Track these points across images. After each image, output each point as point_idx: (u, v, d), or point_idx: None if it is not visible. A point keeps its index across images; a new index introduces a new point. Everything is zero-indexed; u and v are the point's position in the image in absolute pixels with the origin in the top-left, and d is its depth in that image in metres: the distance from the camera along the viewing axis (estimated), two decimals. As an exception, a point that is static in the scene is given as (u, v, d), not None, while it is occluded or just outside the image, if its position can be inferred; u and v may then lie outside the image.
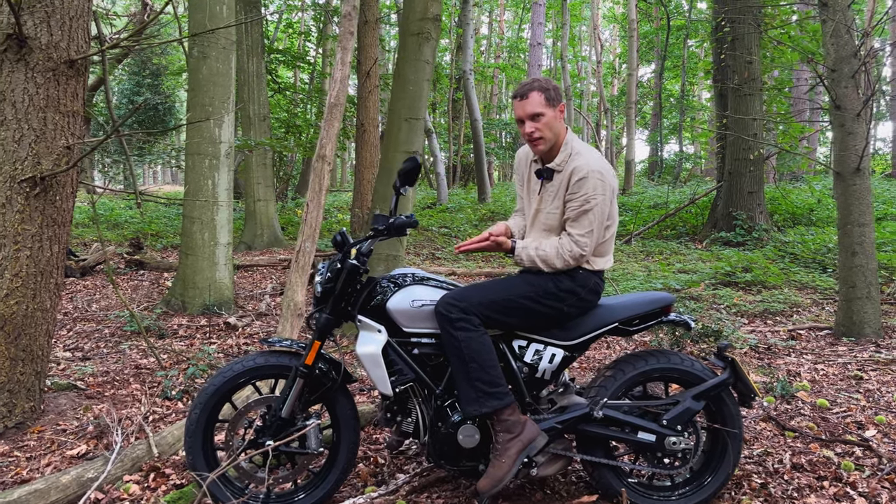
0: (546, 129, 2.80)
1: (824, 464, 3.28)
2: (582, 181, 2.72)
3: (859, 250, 5.67)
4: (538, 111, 2.78)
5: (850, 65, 5.81)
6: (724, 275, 8.37)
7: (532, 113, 2.79)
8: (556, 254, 2.77)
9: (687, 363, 2.92)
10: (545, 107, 2.79)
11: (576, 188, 2.74)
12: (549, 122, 2.79)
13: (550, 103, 2.80)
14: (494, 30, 37.08)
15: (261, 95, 12.09)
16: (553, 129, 2.81)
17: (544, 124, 2.79)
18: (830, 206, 13.72)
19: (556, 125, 2.81)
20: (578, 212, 2.75)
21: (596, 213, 2.74)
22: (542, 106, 2.78)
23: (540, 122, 2.79)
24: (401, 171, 2.75)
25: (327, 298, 2.85)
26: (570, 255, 2.76)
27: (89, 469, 3.10)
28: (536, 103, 2.78)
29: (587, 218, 2.74)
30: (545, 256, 2.79)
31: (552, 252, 2.78)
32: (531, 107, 2.79)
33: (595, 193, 2.72)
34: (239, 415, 2.85)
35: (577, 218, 2.76)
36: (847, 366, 4.96)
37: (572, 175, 2.75)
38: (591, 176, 2.72)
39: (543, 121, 2.79)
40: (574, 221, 2.77)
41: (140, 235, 12.13)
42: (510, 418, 2.71)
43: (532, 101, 2.79)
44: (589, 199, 2.72)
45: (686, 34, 25.45)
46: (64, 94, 3.87)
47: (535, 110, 2.78)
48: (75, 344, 5.73)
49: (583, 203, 2.73)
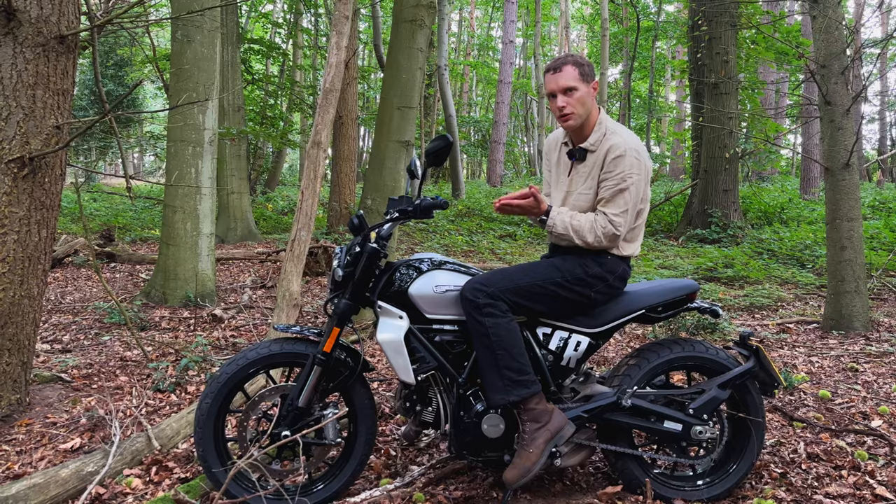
0: (578, 105, 2.72)
1: (839, 453, 3.27)
2: (619, 159, 2.65)
3: (848, 245, 5.73)
4: (571, 85, 2.70)
5: (840, 61, 5.86)
6: (706, 270, 8.44)
7: (565, 87, 2.70)
8: (589, 227, 2.67)
9: (711, 351, 2.88)
10: (579, 81, 2.71)
11: (612, 166, 2.66)
12: (581, 97, 2.71)
13: (584, 79, 2.72)
14: (465, 27, 37.03)
15: (235, 85, 11.84)
16: (585, 105, 2.73)
17: (577, 99, 2.71)
18: (801, 205, 13.99)
19: (588, 102, 2.73)
20: (614, 191, 2.66)
21: (632, 193, 2.66)
22: (575, 80, 2.70)
23: (572, 96, 2.71)
24: (429, 150, 2.65)
25: (347, 283, 2.74)
26: (604, 232, 2.66)
27: (88, 463, 2.95)
28: (570, 77, 2.70)
29: (623, 197, 2.66)
30: (578, 227, 2.68)
31: (586, 225, 2.68)
32: (564, 80, 2.71)
33: (632, 172, 2.64)
34: (252, 404, 2.72)
35: (612, 197, 2.67)
36: (840, 358, 5.00)
37: (608, 153, 2.67)
38: (629, 154, 2.65)
39: (576, 96, 2.71)
40: (609, 201, 2.68)
41: (109, 228, 11.78)
42: (538, 407, 2.64)
43: (566, 75, 2.71)
44: (625, 178, 2.64)
45: (655, 35, 25.71)
46: (54, 71, 3.69)
47: (569, 84, 2.70)
48: (53, 336, 5.50)
49: (619, 182, 2.65)
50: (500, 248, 10.97)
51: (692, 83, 12.68)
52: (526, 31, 33.36)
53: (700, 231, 11.59)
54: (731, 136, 11.51)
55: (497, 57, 32.73)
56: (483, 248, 10.98)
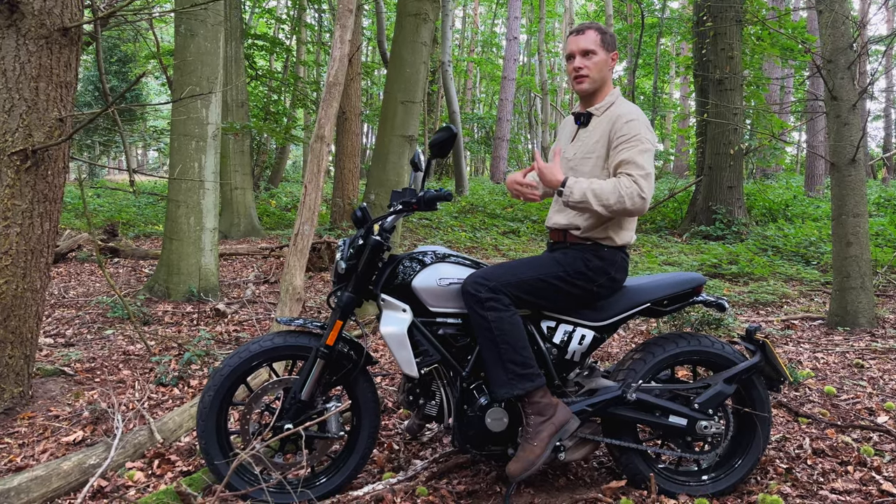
0: (594, 69, 2.72)
1: (844, 449, 3.25)
2: (633, 123, 2.62)
3: (854, 240, 5.70)
4: (591, 48, 2.71)
5: (847, 55, 5.83)
6: (711, 266, 8.41)
7: (585, 49, 2.71)
8: (612, 189, 2.51)
9: (717, 346, 2.86)
10: (599, 46, 2.72)
11: (626, 129, 2.61)
12: (599, 63, 2.72)
13: (605, 46, 2.73)
14: (468, 24, 36.97)
15: (239, 81, 11.83)
16: (601, 71, 2.73)
17: (594, 63, 2.72)
18: (805, 202, 13.94)
19: (604, 70, 2.74)
20: (634, 151, 2.56)
21: (649, 157, 2.59)
22: (596, 44, 2.71)
23: (590, 59, 2.71)
24: (433, 142, 2.63)
25: (350, 276, 2.73)
26: (629, 194, 2.49)
27: (91, 455, 2.94)
28: (591, 40, 2.71)
29: (645, 158, 2.56)
30: (600, 189, 2.52)
31: (608, 187, 2.52)
32: (585, 42, 2.71)
33: (647, 139, 2.61)
34: (255, 397, 2.71)
35: (634, 158, 2.55)
36: (845, 354, 4.97)
37: (619, 119, 2.64)
38: (641, 120, 2.63)
39: (594, 59, 2.71)
40: (629, 162, 2.55)
41: (112, 223, 11.79)
42: (542, 400, 2.62)
43: (587, 37, 2.72)
44: (643, 140, 2.59)
45: (659, 32, 25.62)
46: (57, 63, 3.68)
47: (589, 46, 2.71)
48: (56, 330, 5.50)
49: (638, 143, 2.58)
50: (504, 245, 10.95)
51: (697, 79, 12.63)
52: (530, 28, 33.29)
53: (704, 228, 11.54)
54: (736, 132, 11.46)
55: (501, 53, 32.68)
56: (486, 244, 10.96)
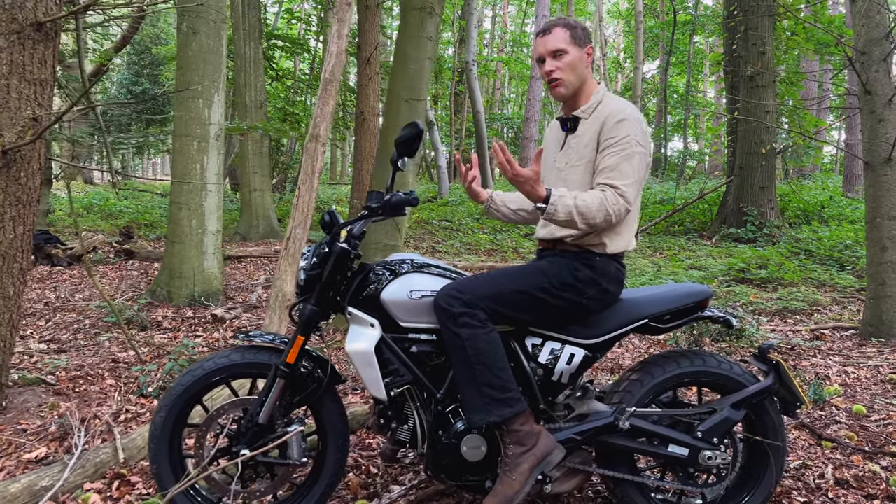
0: (568, 70, 2.43)
1: (871, 479, 2.92)
2: (623, 123, 2.34)
3: (889, 245, 5.31)
4: (560, 47, 2.42)
5: (882, 47, 5.43)
6: (738, 271, 8.01)
7: (553, 49, 2.43)
8: (598, 205, 2.26)
9: (725, 366, 2.56)
10: (569, 44, 2.42)
11: (615, 130, 2.34)
12: (572, 62, 2.43)
13: (576, 42, 2.43)
14: (498, 23, 36.65)
15: (258, 82, 11.71)
16: (577, 71, 2.44)
17: (566, 64, 2.43)
18: (842, 203, 13.37)
19: (580, 68, 2.44)
20: (621, 156, 2.32)
21: (637, 161, 2.33)
22: (565, 42, 2.42)
23: (562, 60, 2.43)
24: (398, 140, 2.37)
25: (313, 287, 2.49)
26: (615, 209, 2.28)
27: (44, 476, 2.74)
28: (560, 39, 2.42)
29: (630, 165, 2.31)
30: (585, 207, 2.25)
31: (594, 202, 2.26)
32: (553, 41, 2.43)
33: (637, 140, 2.33)
34: (210, 419, 2.48)
35: (618, 165, 2.31)
36: (879, 368, 4.60)
37: (608, 119, 2.37)
38: (632, 118, 2.35)
39: (566, 59, 2.42)
40: (615, 170, 2.32)
41: (133, 225, 11.77)
42: (522, 428, 2.35)
43: (555, 37, 2.43)
44: (631, 143, 2.32)
45: (692, 29, 25.02)
46: (30, 60, 3.51)
47: (558, 46, 2.42)
48: (52, 335, 5.38)
49: (625, 147, 2.32)
50: (524, 247, 10.65)
51: (727, 76, 12.18)
52: (560, 27, 32.82)
53: (735, 230, 11.09)
54: (768, 130, 11.00)
55: (530, 53, 32.27)
56: (506, 246, 10.67)
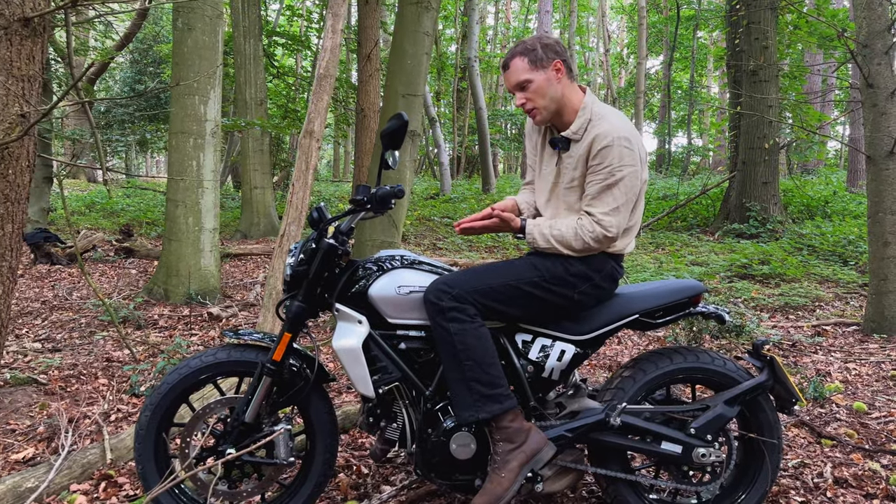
0: (538, 97, 2.38)
1: (871, 478, 2.87)
2: (606, 150, 2.29)
3: (892, 240, 5.25)
4: (523, 78, 2.37)
5: (884, 39, 5.37)
6: (740, 267, 7.95)
7: (517, 82, 2.38)
8: (573, 235, 2.34)
9: (718, 362, 2.51)
10: (530, 71, 2.36)
11: (599, 158, 2.31)
12: (538, 88, 2.37)
13: (537, 65, 2.36)
14: (501, 19, 36.55)
15: (258, 79, 11.65)
16: (547, 94, 2.38)
17: (534, 91, 2.37)
18: (846, 198, 13.29)
19: (550, 89, 2.38)
20: (601, 186, 2.32)
21: (622, 188, 2.31)
22: (526, 71, 2.36)
23: (528, 90, 2.38)
24: (384, 132, 2.32)
25: (300, 283, 2.45)
26: (592, 237, 2.32)
27: (29, 478, 2.71)
28: (519, 70, 2.37)
29: (611, 194, 2.31)
30: (560, 237, 2.36)
31: (569, 233, 2.34)
32: (514, 75, 2.38)
33: (622, 164, 2.29)
34: (195, 418, 2.45)
35: (598, 194, 2.33)
36: (881, 365, 4.54)
37: (594, 143, 2.32)
38: (617, 144, 2.28)
39: (532, 88, 2.37)
40: (595, 198, 2.33)
41: (135, 223, 11.75)
42: (512, 425, 2.31)
43: (515, 69, 2.38)
44: (614, 172, 2.29)
45: (696, 24, 24.90)
46: (18, 55, 3.46)
47: (520, 78, 2.37)
48: (47, 334, 5.35)
49: (607, 176, 2.30)
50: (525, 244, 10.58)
51: (730, 71, 12.10)
52: (563, 23, 32.72)
53: (737, 225, 11.02)
54: (771, 125, 10.92)
55: (533, 49, 32.12)
56: (508, 243, 10.62)
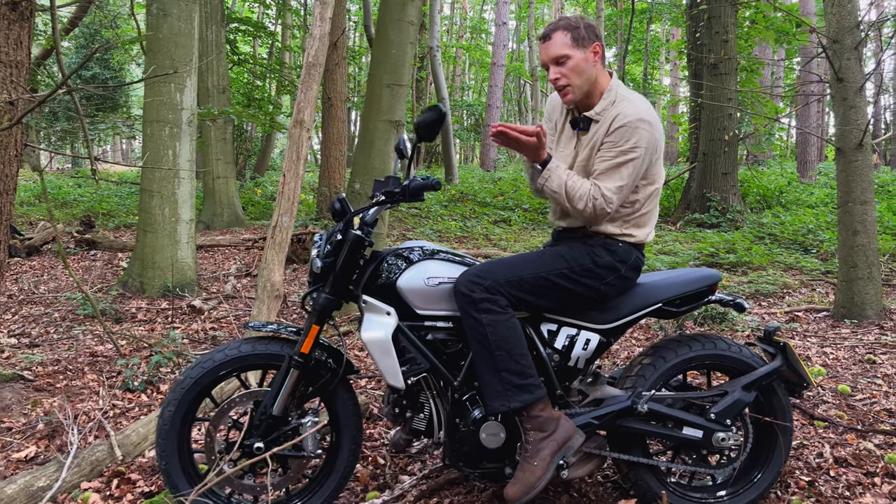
0: (574, 75, 2.39)
1: (868, 457, 3.00)
2: (624, 129, 2.33)
3: (861, 229, 5.44)
4: (563, 53, 2.37)
5: (853, 35, 5.55)
6: (708, 256, 8.15)
7: (556, 56, 2.38)
8: (582, 193, 2.35)
9: (735, 349, 2.59)
10: (571, 48, 2.37)
11: (615, 136, 2.34)
12: (577, 66, 2.37)
13: (579, 44, 2.37)
14: (457, 10, 36.49)
15: (220, 66, 11.42)
16: (584, 74, 2.39)
17: (571, 69, 2.38)
18: (799, 188, 13.73)
19: (587, 70, 2.39)
20: (612, 164, 2.34)
21: (630, 168, 2.34)
22: (567, 47, 2.37)
23: (565, 66, 2.38)
24: (420, 123, 2.32)
25: (327, 275, 2.43)
26: (594, 203, 2.34)
27: (40, 476, 2.64)
28: (560, 44, 2.37)
29: (620, 173, 2.34)
30: (573, 188, 2.36)
31: (580, 189, 2.35)
32: (554, 49, 2.38)
33: (637, 146, 2.32)
34: (221, 412, 2.42)
35: (608, 171, 2.35)
36: (855, 349, 4.73)
37: (614, 122, 2.35)
38: (637, 125, 2.32)
39: (570, 65, 2.37)
40: (603, 174, 2.35)
41: (91, 214, 11.42)
42: (542, 414, 2.34)
43: (555, 43, 2.38)
44: (627, 152, 2.32)
45: (649, 18, 25.31)
46: (5, 41, 3.34)
47: (560, 52, 2.37)
48: (21, 329, 5.18)
49: (618, 154, 2.33)
50: (495, 234, 10.66)
51: (690, 63, 12.34)
52: (519, 14, 32.86)
53: (698, 215, 11.29)
54: (731, 117, 11.20)
55: (490, 40, 32.22)
56: (477, 233, 10.67)
